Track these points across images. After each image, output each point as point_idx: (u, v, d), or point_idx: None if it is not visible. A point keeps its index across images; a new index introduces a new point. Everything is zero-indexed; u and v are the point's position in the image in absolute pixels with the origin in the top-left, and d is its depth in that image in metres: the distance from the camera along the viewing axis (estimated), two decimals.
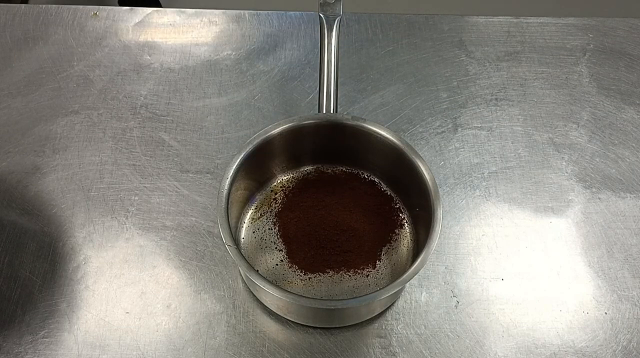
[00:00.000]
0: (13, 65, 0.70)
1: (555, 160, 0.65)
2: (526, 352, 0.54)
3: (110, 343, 0.53)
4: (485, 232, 0.60)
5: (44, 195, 0.61)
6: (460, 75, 0.71)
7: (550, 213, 0.61)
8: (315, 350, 0.53)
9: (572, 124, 0.68)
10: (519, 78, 0.71)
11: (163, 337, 0.54)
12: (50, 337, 0.53)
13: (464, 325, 0.55)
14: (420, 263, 0.48)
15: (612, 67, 0.73)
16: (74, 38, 0.73)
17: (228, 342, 0.53)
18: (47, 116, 0.66)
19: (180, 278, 0.56)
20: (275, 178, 0.60)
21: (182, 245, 0.58)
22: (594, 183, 0.63)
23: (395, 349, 0.53)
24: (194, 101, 0.68)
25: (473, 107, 0.69)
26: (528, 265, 0.58)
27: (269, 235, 0.57)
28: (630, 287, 0.57)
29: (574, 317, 0.55)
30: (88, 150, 0.64)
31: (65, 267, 0.57)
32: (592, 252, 0.59)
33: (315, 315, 0.53)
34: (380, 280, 0.55)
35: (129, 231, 0.59)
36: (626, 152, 0.66)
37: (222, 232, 0.49)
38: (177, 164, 0.63)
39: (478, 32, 0.75)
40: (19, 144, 0.64)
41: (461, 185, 0.63)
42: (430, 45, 0.74)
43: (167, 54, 0.72)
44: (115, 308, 0.55)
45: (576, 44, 0.74)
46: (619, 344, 0.54)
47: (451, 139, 0.66)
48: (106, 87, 0.69)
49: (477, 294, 0.56)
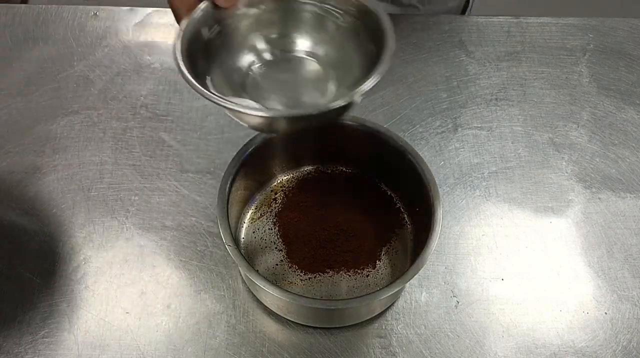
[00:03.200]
0: (13, 65, 0.70)
1: (555, 160, 0.65)
2: (526, 352, 0.54)
3: (110, 343, 0.53)
4: (485, 232, 0.60)
5: (44, 195, 0.61)
6: (460, 75, 0.71)
7: (550, 213, 0.61)
8: (315, 350, 0.53)
9: (572, 124, 0.68)
10: (519, 78, 0.71)
11: (163, 337, 0.54)
12: (50, 337, 0.53)
13: (464, 325, 0.55)
14: (420, 263, 0.47)
15: (612, 67, 0.73)
16: (74, 38, 0.73)
17: (228, 342, 0.53)
18: (47, 116, 0.66)
19: (180, 278, 0.56)
20: (275, 178, 0.60)
21: (182, 245, 0.58)
22: (594, 184, 0.63)
23: (395, 349, 0.53)
24: (194, 101, 0.68)
25: (473, 107, 0.69)
26: (528, 265, 0.58)
27: (269, 235, 0.57)
28: (630, 287, 0.57)
29: (574, 317, 0.55)
30: (88, 150, 0.64)
31: (65, 267, 0.57)
32: (592, 252, 0.59)
33: (315, 315, 0.53)
34: (380, 280, 0.55)
35: (129, 231, 0.59)
36: (626, 152, 0.66)
37: (222, 232, 0.49)
38: (177, 164, 0.63)
39: (478, 32, 0.75)
40: (19, 144, 0.64)
41: (461, 185, 0.63)
42: (430, 45, 0.74)
43: (167, 54, 0.72)
44: (115, 308, 0.55)
45: (576, 44, 0.74)
46: (619, 344, 0.54)
47: (451, 139, 0.66)
48: (106, 87, 0.69)
49: (477, 294, 0.56)
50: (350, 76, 0.47)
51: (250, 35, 0.49)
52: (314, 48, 0.50)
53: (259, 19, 0.49)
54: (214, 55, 0.47)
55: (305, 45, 0.50)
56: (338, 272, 0.55)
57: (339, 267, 0.55)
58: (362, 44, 0.47)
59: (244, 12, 0.48)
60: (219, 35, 0.47)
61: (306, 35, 0.50)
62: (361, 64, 0.47)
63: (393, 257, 0.56)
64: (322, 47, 0.50)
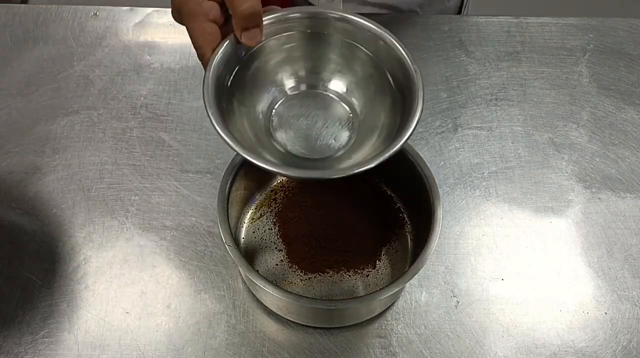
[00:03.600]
0: (13, 65, 0.70)
1: (555, 160, 0.65)
2: (526, 352, 0.54)
3: (110, 343, 0.53)
4: (485, 232, 0.60)
5: (44, 195, 0.61)
6: (460, 75, 0.71)
7: (550, 213, 0.61)
8: (315, 350, 0.53)
9: (572, 124, 0.68)
10: (519, 78, 0.71)
11: (163, 337, 0.54)
12: (50, 337, 0.53)
13: (464, 325, 0.55)
14: (420, 263, 0.47)
15: (612, 67, 0.73)
16: (73, 38, 0.73)
17: (228, 342, 0.53)
18: (47, 116, 0.66)
19: (180, 278, 0.56)
20: (275, 178, 0.60)
21: (182, 245, 0.58)
22: (594, 184, 0.63)
23: (395, 349, 0.53)
24: (194, 101, 0.68)
25: (473, 107, 0.69)
26: (528, 265, 0.58)
27: (269, 235, 0.57)
28: (630, 287, 0.57)
29: (574, 317, 0.55)
30: (88, 150, 0.64)
31: (65, 267, 0.57)
32: (592, 252, 0.59)
33: (315, 315, 0.53)
34: (380, 280, 0.55)
35: (129, 231, 0.59)
36: (626, 152, 0.66)
37: (222, 232, 0.49)
38: (177, 164, 0.63)
39: (478, 32, 0.75)
40: (18, 144, 0.64)
41: (461, 185, 0.63)
42: (430, 45, 0.74)
43: (167, 54, 0.72)
44: (115, 308, 0.55)
45: (576, 44, 0.74)
46: (619, 344, 0.54)
47: (451, 139, 0.66)
48: (106, 87, 0.69)
49: (477, 294, 0.56)
50: (371, 121, 0.46)
51: (274, 70, 0.47)
52: (338, 86, 0.48)
53: (283, 52, 0.47)
54: (238, 90, 0.45)
55: (330, 82, 0.48)
56: (338, 272, 0.55)
57: (339, 267, 0.55)
58: (387, 91, 0.46)
59: (268, 46, 0.46)
60: (242, 71, 0.45)
61: (332, 72, 0.48)
62: (384, 111, 0.46)
63: (393, 257, 0.56)
64: (347, 85, 0.48)
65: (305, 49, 0.47)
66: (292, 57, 0.47)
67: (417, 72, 0.44)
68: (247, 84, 0.46)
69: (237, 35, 0.43)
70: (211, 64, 0.42)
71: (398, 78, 0.45)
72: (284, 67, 0.48)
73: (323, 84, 0.49)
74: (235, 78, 0.45)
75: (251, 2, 0.41)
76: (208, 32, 0.42)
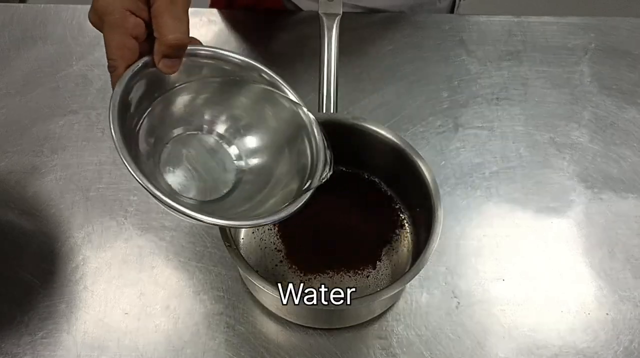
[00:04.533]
0: (11, 64, 0.70)
1: (556, 160, 0.65)
2: (527, 353, 0.53)
3: (109, 344, 0.53)
4: (487, 232, 0.60)
5: (43, 195, 0.61)
6: (461, 75, 0.71)
7: (551, 213, 0.61)
8: (314, 351, 0.53)
9: (574, 124, 0.68)
10: (520, 77, 0.71)
11: (162, 337, 0.53)
12: (49, 337, 0.53)
13: (464, 326, 0.54)
14: (421, 263, 0.47)
15: (613, 66, 0.72)
16: (72, 37, 0.73)
17: (227, 343, 0.53)
18: (46, 116, 0.66)
19: (179, 279, 0.56)
20: None
21: (181, 246, 0.58)
22: (596, 184, 0.63)
23: (395, 350, 0.53)
24: None
25: (474, 106, 0.69)
26: (529, 266, 0.58)
27: (269, 236, 0.57)
28: (632, 287, 0.57)
29: (576, 318, 0.55)
30: (87, 150, 0.64)
31: (64, 268, 0.57)
32: (593, 253, 0.59)
33: (315, 316, 0.52)
34: (381, 280, 0.55)
35: (128, 231, 0.59)
36: (628, 152, 0.66)
37: (222, 233, 0.48)
38: None
39: (479, 31, 0.75)
40: (17, 143, 0.64)
41: (462, 185, 0.63)
42: (431, 45, 0.73)
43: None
44: (114, 309, 0.55)
45: (577, 43, 0.74)
46: (620, 345, 0.54)
47: (452, 138, 0.66)
48: (105, 87, 0.69)
49: (478, 295, 0.56)
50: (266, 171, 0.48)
51: (181, 106, 0.47)
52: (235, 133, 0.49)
53: (193, 90, 0.47)
54: (143, 112, 0.45)
55: (227, 129, 0.49)
56: (338, 272, 0.55)
57: (339, 267, 0.55)
58: (293, 149, 0.48)
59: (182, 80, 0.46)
60: (147, 95, 0.45)
61: (236, 120, 0.49)
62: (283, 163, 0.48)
63: (393, 257, 0.56)
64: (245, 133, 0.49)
65: (217, 94, 0.48)
66: (199, 98, 0.48)
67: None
68: (150, 110, 0.46)
69: (155, 59, 0.42)
70: (122, 80, 0.42)
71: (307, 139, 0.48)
72: (190, 105, 0.48)
73: (218, 129, 0.49)
74: (140, 101, 0.44)
75: (179, 35, 0.41)
76: (127, 47, 0.41)
